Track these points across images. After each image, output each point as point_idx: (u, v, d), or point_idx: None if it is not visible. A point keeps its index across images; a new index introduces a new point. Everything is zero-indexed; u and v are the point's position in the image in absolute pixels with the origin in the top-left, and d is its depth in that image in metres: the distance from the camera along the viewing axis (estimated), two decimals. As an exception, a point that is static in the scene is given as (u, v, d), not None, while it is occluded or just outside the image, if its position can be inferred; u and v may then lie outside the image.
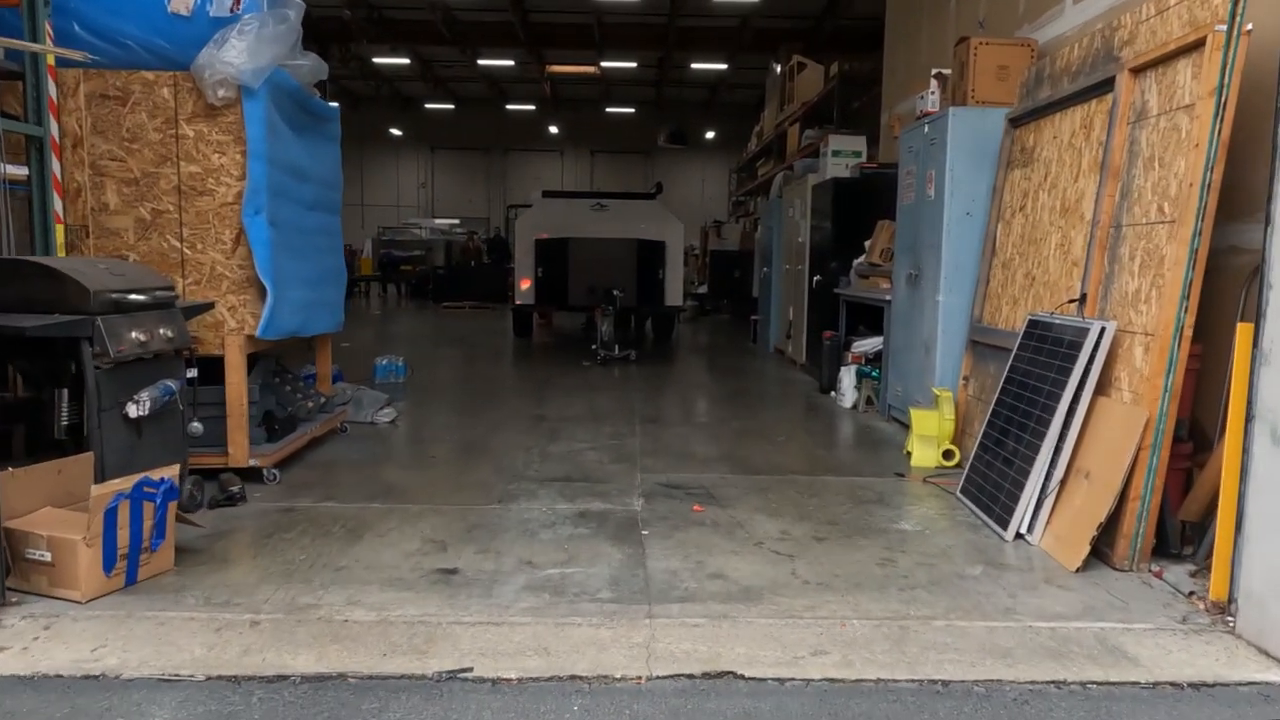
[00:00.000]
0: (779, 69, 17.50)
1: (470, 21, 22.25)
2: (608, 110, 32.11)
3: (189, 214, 4.15)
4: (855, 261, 7.57)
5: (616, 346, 9.62)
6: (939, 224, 5.28)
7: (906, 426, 5.86)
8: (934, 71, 5.78)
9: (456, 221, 29.94)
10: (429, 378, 8.15)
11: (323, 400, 5.25)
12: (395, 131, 33.51)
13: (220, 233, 4.17)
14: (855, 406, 6.83)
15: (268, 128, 4.11)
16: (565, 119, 33.06)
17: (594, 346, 9.70)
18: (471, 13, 21.70)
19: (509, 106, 32.17)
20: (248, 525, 3.65)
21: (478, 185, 34.98)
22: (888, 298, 6.38)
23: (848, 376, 6.94)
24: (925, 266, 5.53)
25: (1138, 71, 3.64)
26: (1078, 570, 3.22)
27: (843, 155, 8.36)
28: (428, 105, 32.67)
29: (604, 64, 24.82)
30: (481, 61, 25.49)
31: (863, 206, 7.79)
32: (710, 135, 32.54)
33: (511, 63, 25.62)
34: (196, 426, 3.79)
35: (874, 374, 6.83)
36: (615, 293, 9.75)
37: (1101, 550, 3.29)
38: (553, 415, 6.30)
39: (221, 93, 3.99)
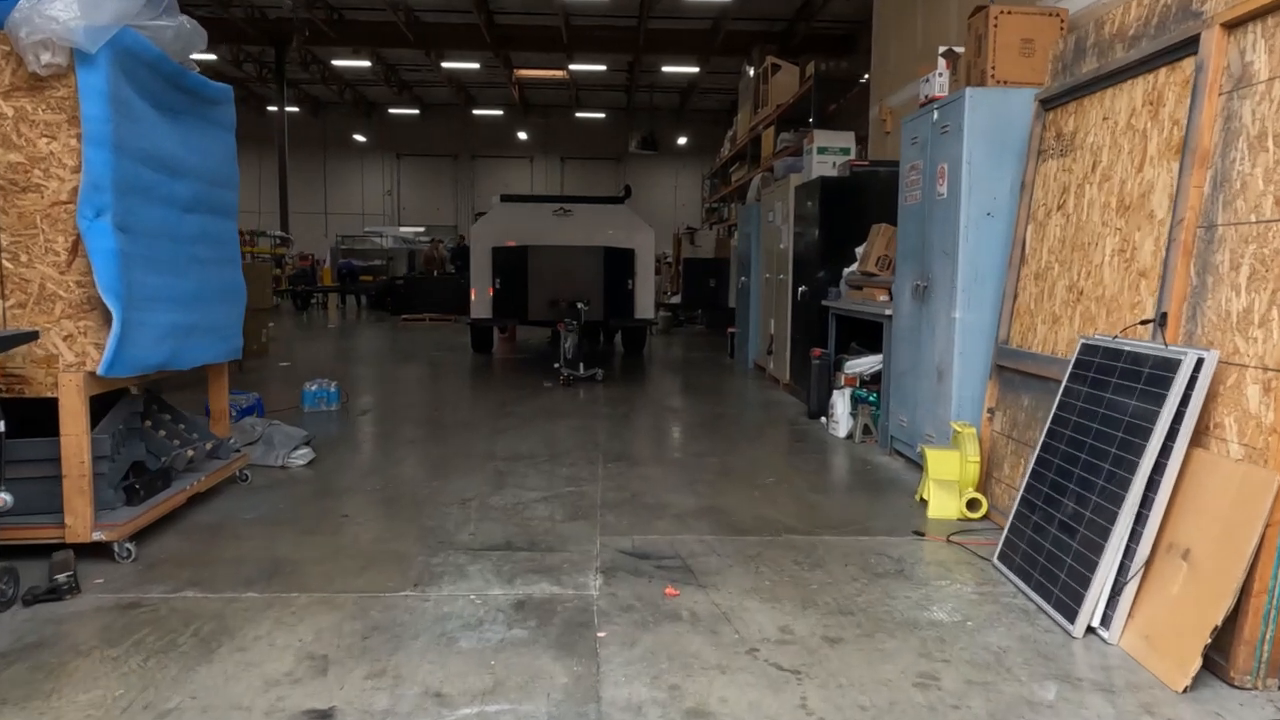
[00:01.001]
0: (752, 72, 16.81)
1: (434, 23, 21.37)
2: (578, 116, 31.35)
3: (9, 216, 3.21)
4: (846, 270, 6.76)
5: (581, 365, 8.73)
6: (954, 227, 4.46)
7: (914, 463, 5.04)
8: (942, 49, 4.97)
9: (421, 230, 28.93)
10: (366, 405, 7.20)
11: (215, 444, 4.31)
12: (359, 138, 32.49)
13: (51, 240, 3.23)
14: (851, 436, 5.99)
15: (113, 105, 3.18)
16: (535, 125, 32.24)
17: (557, 365, 8.81)
18: (435, 13, 20.82)
19: (476, 112, 31.27)
20: (66, 634, 2.71)
21: (445, 193, 33.99)
22: (887, 312, 5.56)
23: (841, 401, 6.11)
24: (936, 277, 4.70)
25: (1233, 27, 2.83)
26: (1185, 690, 2.38)
27: (829, 153, 7.56)
28: (392, 110, 31.69)
29: (573, 67, 24.03)
30: (446, 64, 24.60)
31: (854, 209, 6.99)
32: (682, 141, 31.86)
33: (477, 66, 24.75)
34: (3, 498, 2.85)
35: (871, 399, 6.01)
36: (580, 306, 8.86)
37: (1210, 657, 2.46)
38: (503, 452, 5.39)
39: (46, 58, 3.07)
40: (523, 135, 32.44)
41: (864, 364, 6.22)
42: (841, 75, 12.96)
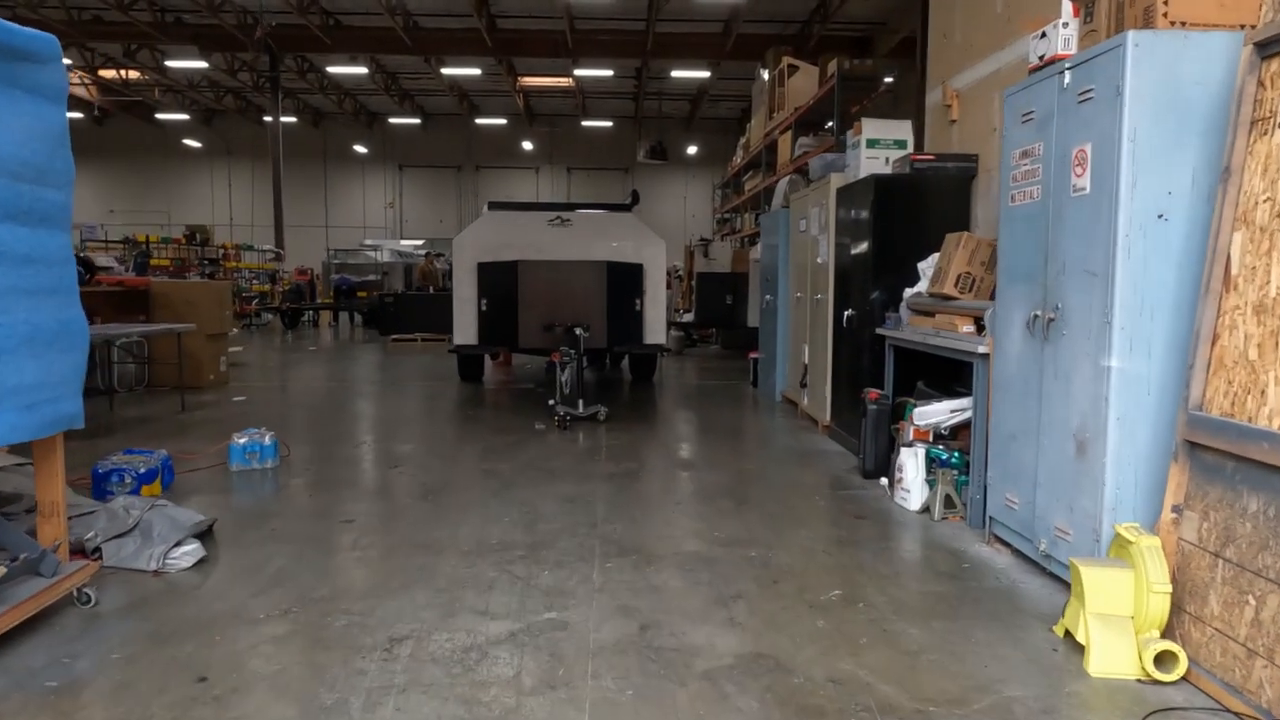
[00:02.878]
0: (766, 75, 15.56)
1: (433, 28, 20.20)
2: (584, 124, 30.14)
3: None
4: (908, 291, 5.39)
5: (581, 403, 7.35)
6: (1105, 235, 3.08)
7: (1029, 560, 3.65)
8: (1068, -9, 3.61)
9: (421, 243, 27.69)
10: (311, 459, 5.83)
11: (30, 558, 2.95)
12: (360, 148, 31.38)
13: None
14: (927, 510, 4.59)
15: None
16: (540, 134, 31.06)
17: (552, 402, 7.44)
18: (434, 18, 19.64)
19: (480, 121, 30.13)
20: None
21: (449, 204, 32.80)
22: (981, 349, 4.18)
23: (912, 463, 4.70)
24: (1072, 306, 3.32)
25: None
26: None
27: (881, 146, 6.19)
28: (393, 120, 30.58)
29: (578, 73, 22.79)
30: (446, 70, 23.40)
31: (917, 214, 5.64)
32: (692, 150, 30.63)
33: (479, 72, 23.55)
34: None
35: (954, 460, 4.62)
36: (579, 331, 7.49)
37: None
38: (466, 542, 4.02)
39: None
40: (528, 145, 31.28)
41: (939, 412, 4.83)
42: (865, 73, 11.74)
